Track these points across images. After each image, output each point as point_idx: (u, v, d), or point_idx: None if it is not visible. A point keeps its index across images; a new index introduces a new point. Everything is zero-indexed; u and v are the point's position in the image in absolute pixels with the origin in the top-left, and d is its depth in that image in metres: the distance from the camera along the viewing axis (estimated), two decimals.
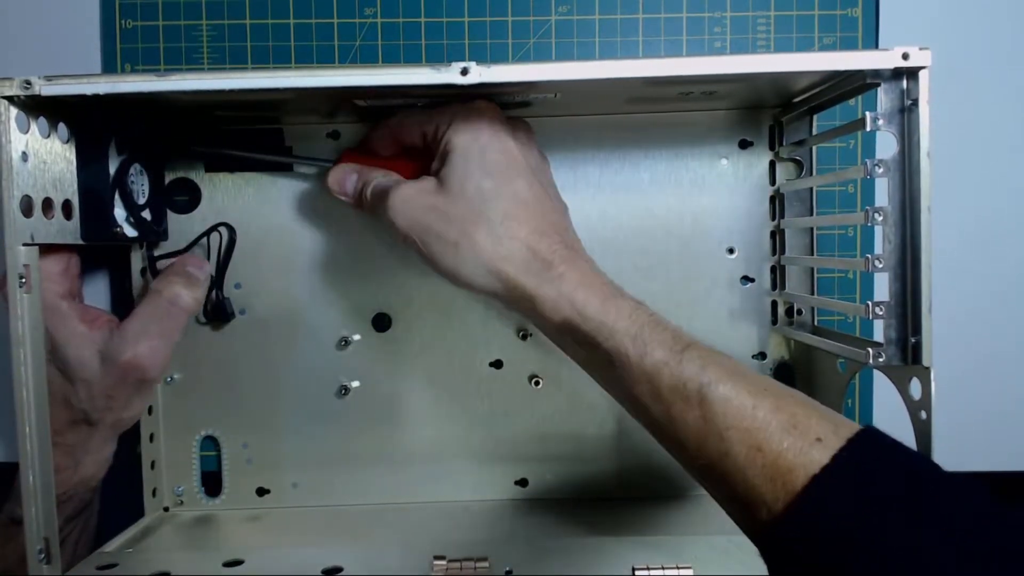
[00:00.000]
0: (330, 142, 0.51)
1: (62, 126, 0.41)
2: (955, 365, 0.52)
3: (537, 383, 0.52)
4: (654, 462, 0.52)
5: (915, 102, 0.38)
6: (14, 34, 0.52)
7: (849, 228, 0.54)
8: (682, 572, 0.40)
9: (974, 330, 0.54)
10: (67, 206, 0.41)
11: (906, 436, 0.39)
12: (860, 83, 0.40)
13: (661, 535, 0.46)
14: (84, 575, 0.42)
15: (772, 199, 0.51)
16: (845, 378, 0.47)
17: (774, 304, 0.52)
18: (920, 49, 0.37)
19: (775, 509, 0.30)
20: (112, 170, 0.44)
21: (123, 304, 0.52)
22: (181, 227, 0.51)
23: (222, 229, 0.50)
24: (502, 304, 0.41)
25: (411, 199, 0.41)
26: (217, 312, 0.50)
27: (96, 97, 0.36)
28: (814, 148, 0.50)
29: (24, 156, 0.37)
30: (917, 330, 0.38)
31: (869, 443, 0.31)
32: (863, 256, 0.40)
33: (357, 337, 0.52)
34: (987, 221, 0.54)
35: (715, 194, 0.51)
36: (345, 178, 0.46)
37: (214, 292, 0.50)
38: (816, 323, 0.51)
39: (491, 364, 0.52)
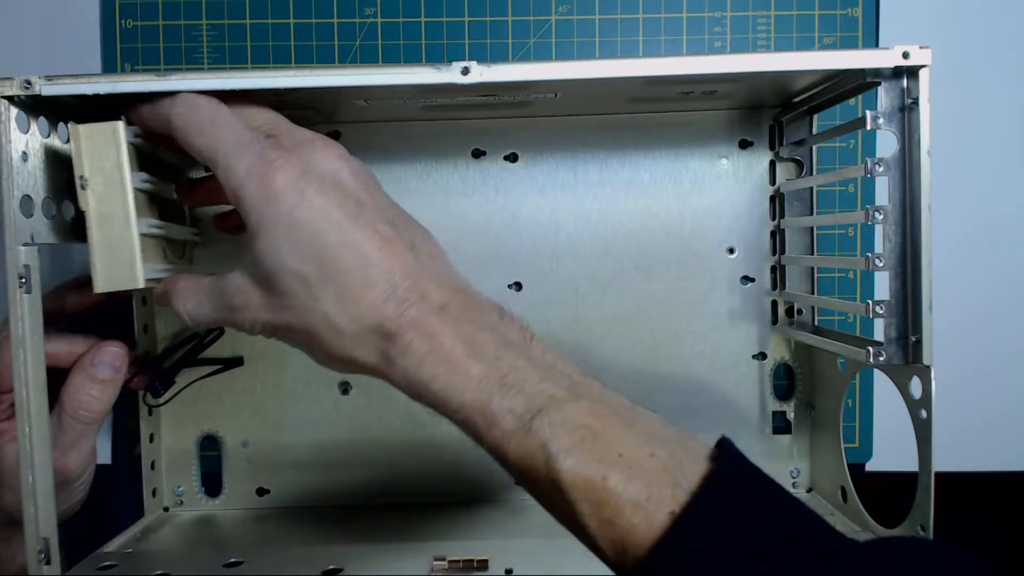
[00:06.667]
0: None
1: (62, 126, 0.41)
2: (955, 364, 0.52)
3: None
4: None
5: (915, 101, 0.38)
6: (14, 34, 0.52)
7: (849, 228, 0.54)
8: None
9: (974, 329, 0.54)
10: (67, 206, 0.41)
11: (907, 436, 0.39)
12: (860, 82, 0.40)
13: None
14: (84, 575, 0.42)
15: (772, 199, 0.51)
16: (845, 377, 0.47)
17: (774, 304, 0.52)
18: (920, 48, 0.37)
19: None
20: None
21: (122, 304, 0.52)
22: None
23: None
24: None
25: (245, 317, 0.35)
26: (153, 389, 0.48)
27: (96, 97, 0.36)
28: (814, 148, 0.50)
29: (24, 156, 0.37)
30: (917, 329, 0.38)
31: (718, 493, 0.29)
32: (863, 255, 0.40)
33: None
34: (987, 219, 0.54)
35: (715, 194, 0.51)
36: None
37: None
38: (816, 323, 0.51)
39: None
